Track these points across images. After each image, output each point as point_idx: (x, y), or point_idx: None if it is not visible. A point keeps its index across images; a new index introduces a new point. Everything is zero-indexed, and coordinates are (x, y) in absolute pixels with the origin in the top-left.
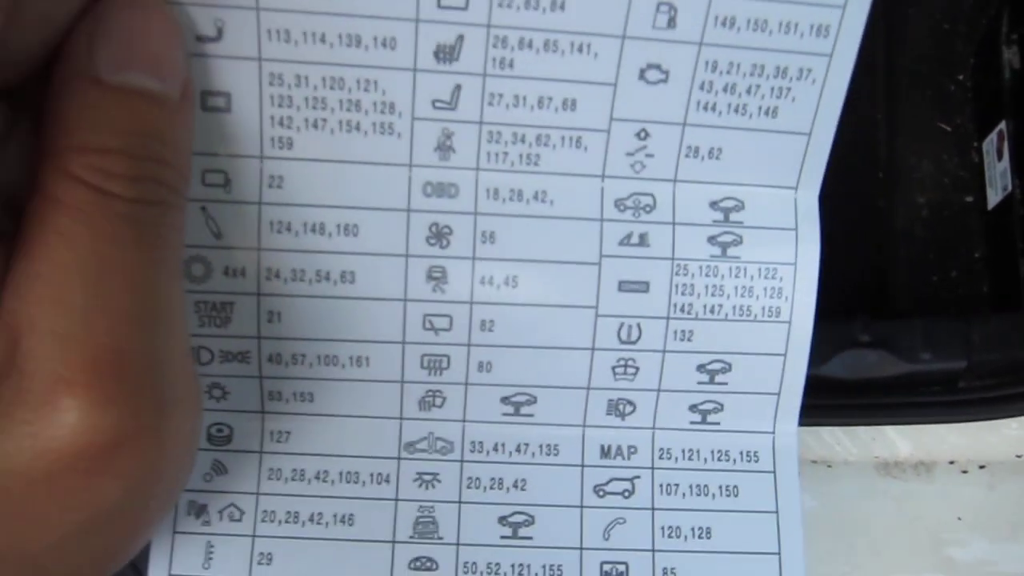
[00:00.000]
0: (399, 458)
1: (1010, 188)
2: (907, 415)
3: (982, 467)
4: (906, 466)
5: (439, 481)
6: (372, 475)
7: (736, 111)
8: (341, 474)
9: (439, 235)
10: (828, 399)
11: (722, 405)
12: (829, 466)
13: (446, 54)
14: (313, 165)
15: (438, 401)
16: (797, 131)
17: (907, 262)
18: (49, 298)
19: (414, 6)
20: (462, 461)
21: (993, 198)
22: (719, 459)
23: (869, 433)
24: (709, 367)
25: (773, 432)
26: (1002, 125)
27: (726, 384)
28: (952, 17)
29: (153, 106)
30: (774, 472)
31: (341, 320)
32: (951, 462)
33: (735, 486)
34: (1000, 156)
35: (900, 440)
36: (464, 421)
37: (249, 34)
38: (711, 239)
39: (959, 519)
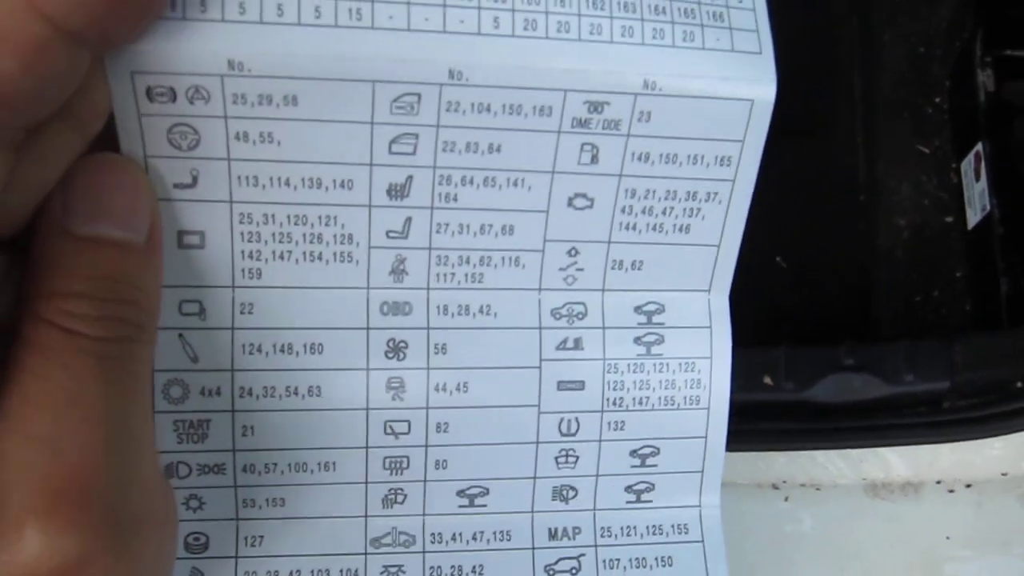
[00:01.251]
0: (366, 553)
1: (989, 208)
2: (893, 436)
3: (969, 486)
4: (894, 487)
5: (404, 572)
6: (342, 571)
7: (654, 229)
8: (313, 572)
9: (396, 349)
10: (815, 423)
11: (653, 485)
12: (818, 489)
13: (397, 192)
14: (280, 292)
15: (400, 498)
16: (707, 243)
17: (890, 283)
18: (19, 431)
19: (368, 152)
20: (424, 552)
21: (973, 218)
22: (653, 533)
23: (857, 455)
24: (640, 452)
25: (699, 505)
26: (979, 146)
27: (656, 466)
28: (927, 41)
29: (118, 252)
30: (702, 541)
31: (309, 430)
32: (938, 482)
33: (669, 556)
34: (978, 176)
35: (888, 461)
36: (424, 515)
37: (221, 180)
38: (636, 339)
39: (948, 538)
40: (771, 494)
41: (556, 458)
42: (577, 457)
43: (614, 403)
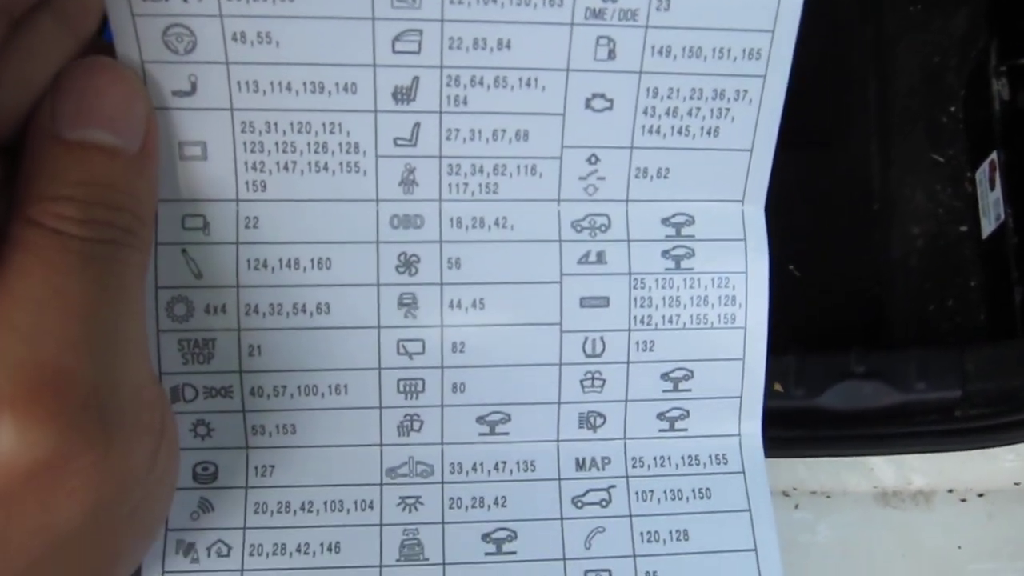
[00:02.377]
0: (381, 484)
1: (1003, 217)
2: (904, 445)
3: (981, 495)
4: (905, 496)
5: (422, 504)
6: (356, 502)
7: (679, 133)
8: (326, 504)
9: (408, 264)
10: (825, 431)
11: (688, 411)
12: (828, 496)
13: (403, 95)
14: (286, 205)
15: (416, 425)
16: (739, 148)
17: (903, 292)
18: (1, 324)
19: (371, 52)
20: (443, 483)
21: (987, 227)
22: (690, 464)
23: (868, 463)
24: (672, 375)
25: (739, 434)
26: (994, 155)
27: (690, 391)
28: (942, 51)
29: (108, 158)
30: (743, 472)
31: (319, 350)
32: (950, 491)
33: (707, 488)
34: (992, 186)
35: (899, 470)
36: (442, 444)
37: (220, 87)
38: (665, 253)
39: (960, 548)
40: (781, 501)
41: (581, 381)
42: (604, 380)
43: (642, 321)
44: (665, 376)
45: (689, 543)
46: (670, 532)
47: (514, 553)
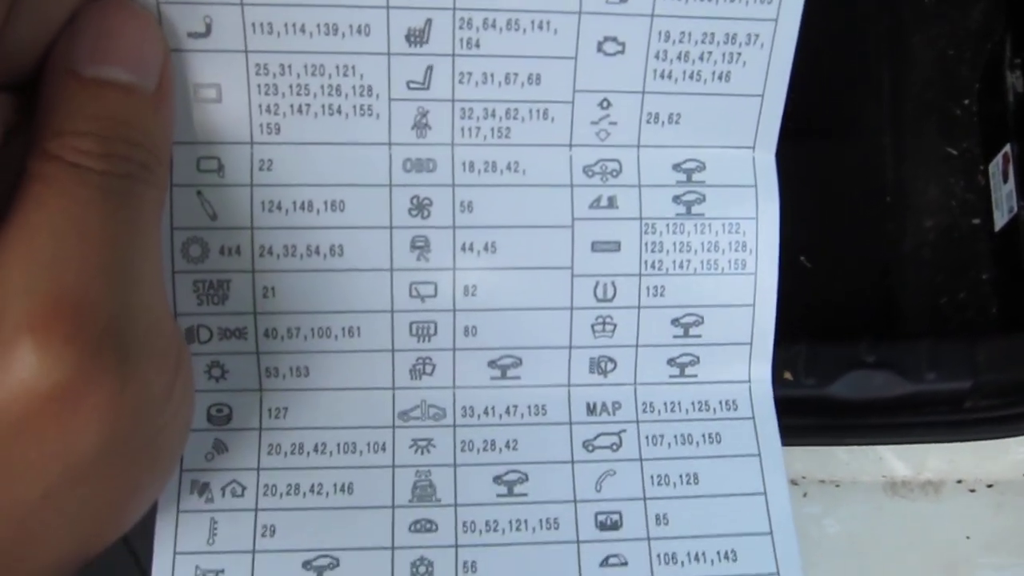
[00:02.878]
0: (394, 427)
1: (1016, 210)
2: (914, 435)
3: (990, 486)
4: (914, 485)
5: (434, 446)
6: (369, 444)
7: (691, 77)
8: (339, 445)
9: (420, 207)
10: (834, 419)
11: (698, 358)
12: (837, 485)
13: (416, 37)
14: (300, 148)
15: (428, 368)
16: (750, 93)
17: (915, 285)
18: (19, 254)
19: None
20: (454, 426)
21: (1000, 220)
22: (700, 410)
23: (877, 453)
24: (683, 320)
25: (749, 381)
26: (1007, 148)
27: (700, 336)
28: (957, 43)
29: (125, 96)
30: (753, 418)
31: (332, 292)
32: (959, 481)
33: (717, 433)
34: (1006, 178)
35: (907, 460)
36: (454, 387)
37: (235, 28)
38: (676, 198)
39: (968, 538)
40: (790, 489)
41: (593, 326)
42: (615, 325)
43: (653, 266)
44: (676, 321)
45: (699, 486)
46: (680, 476)
47: (525, 495)
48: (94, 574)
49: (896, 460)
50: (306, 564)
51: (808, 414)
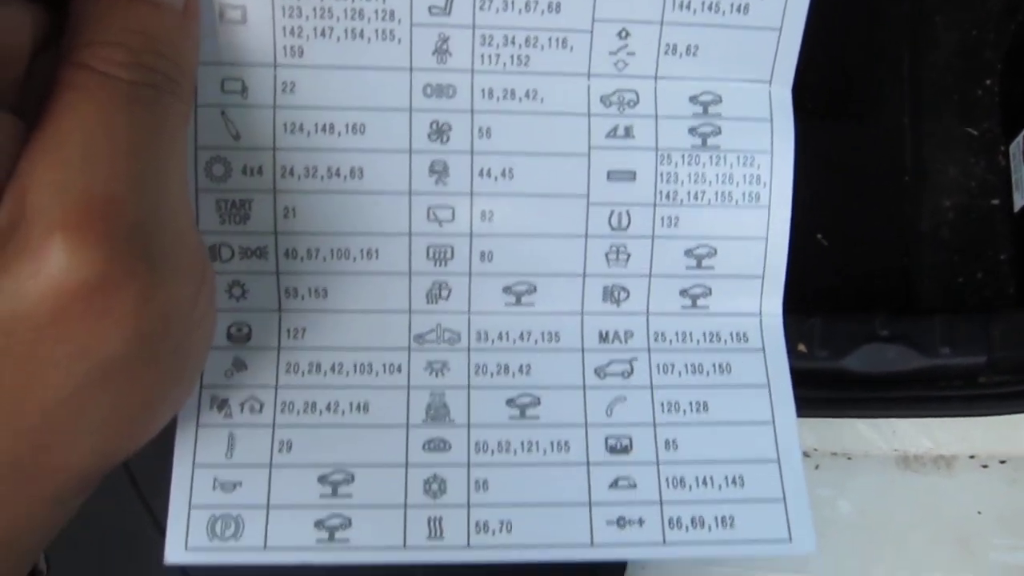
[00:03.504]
0: (409, 349)
1: None
2: (927, 409)
3: (1003, 462)
4: (926, 460)
5: (448, 369)
6: (385, 365)
7: (709, 9)
8: (355, 366)
9: (439, 132)
10: (848, 392)
11: (710, 289)
12: (849, 458)
13: None
14: (322, 71)
15: (444, 293)
16: (768, 27)
17: (933, 265)
18: (51, 157)
19: None
20: (469, 350)
21: (1019, 200)
22: (711, 340)
23: (890, 427)
24: (696, 252)
25: (759, 314)
26: None
27: (712, 268)
28: (980, 24)
29: (155, 12)
30: (763, 350)
31: (351, 214)
32: (972, 456)
33: (727, 363)
34: None
35: (921, 434)
36: (469, 312)
37: None
38: (692, 130)
39: (980, 514)
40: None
41: (607, 254)
42: (629, 254)
43: (667, 196)
44: (689, 252)
45: (708, 414)
46: (690, 403)
47: (537, 418)
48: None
49: (909, 434)
50: (322, 479)
51: (821, 386)
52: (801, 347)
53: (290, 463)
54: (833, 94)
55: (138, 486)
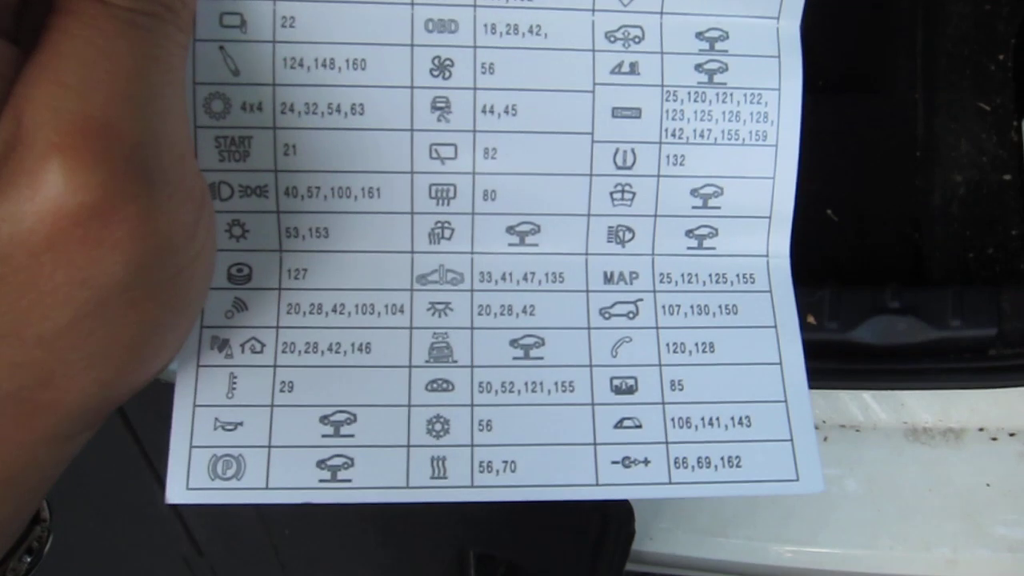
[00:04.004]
0: (412, 289)
1: None
2: (937, 381)
3: (1012, 435)
4: (935, 432)
5: (451, 310)
6: (387, 306)
7: None
8: (357, 306)
9: (441, 67)
10: (857, 364)
11: (716, 230)
12: (858, 430)
13: None
14: (322, 5)
15: (447, 233)
16: None
17: (944, 239)
18: (49, 79)
19: None
20: (472, 291)
21: None
22: (717, 282)
23: (899, 399)
24: (702, 191)
25: (767, 255)
26: None
27: (719, 208)
28: None
29: None
30: (770, 291)
31: (352, 151)
32: (980, 429)
33: (734, 305)
34: None
35: (929, 406)
36: (472, 253)
37: None
38: (698, 67)
39: (988, 486)
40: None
41: (611, 193)
42: (634, 194)
43: (673, 134)
44: (695, 192)
45: (715, 355)
46: (696, 344)
47: (541, 359)
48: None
49: (918, 407)
50: (323, 419)
51: (830, 358)
52: (810, 319)
53: (292, 403)
54: (845, 68)
55: (134, 430)
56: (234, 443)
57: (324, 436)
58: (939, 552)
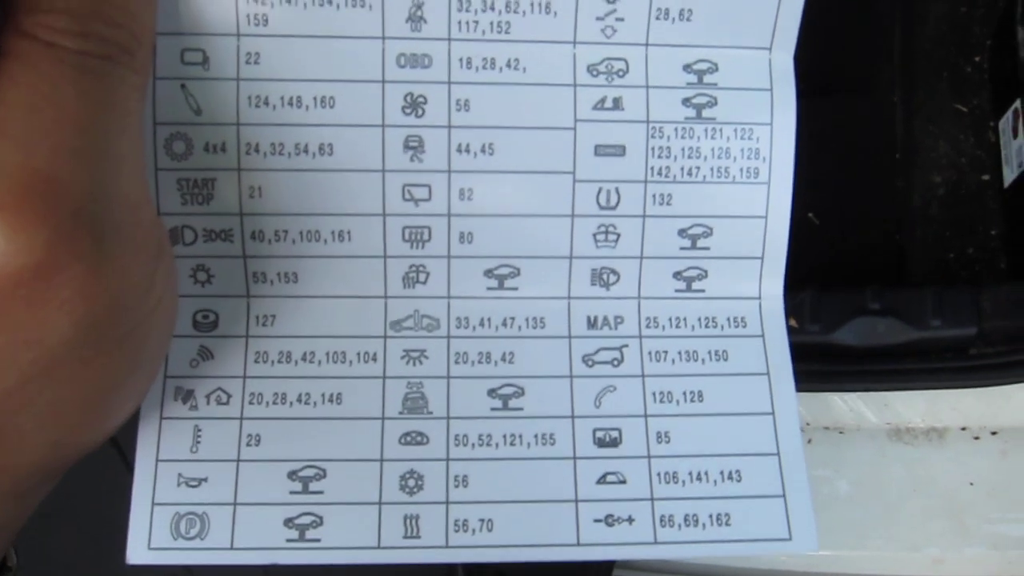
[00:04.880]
0: (385, 336)
1: None
2: (918, 382)
3: (994, 433)
4: (918, 432)
5: (427, 357)
6: (359, 354)
7: None
8: (328, 354)
9: (414, 104)
10: (839, 366)
11: (706, 271)
12: (841, 432)
13: None
14: (288, 40)
15: (422, 277)
16: None
17: (924, 241)
18: None
19: None
20: (448, 337)
21: (1009, 176)
22: (706, 326)
23: (881, 400)
24: (690, 232)
25: (759, 297)
26: (1017, 103)
27: (708, 249)
28: (970, 1)
29: None
30: (763, 336)
31: (321, 193)
32: (963, 428)
33: (724, 351)
34: (1016, 134)
35: (912, 406)
36: (449, 297)
37: None
38: (685, 101)
39: (971, 485)
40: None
41: (595, 235)
42: (618, 235)
43: (659, 172)
44: (683, 232)
45: (703, 404)
46: (684, 393)
47: (521, 409)
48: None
49: (901, 407)
50: (292, 474)
51: (813, 360)
52: (792, 322)
53: (259, 458)
54: (824, 70)
55: (125, 456)
56: (198, 500)
57: (292, 493)
58: (927, 552)
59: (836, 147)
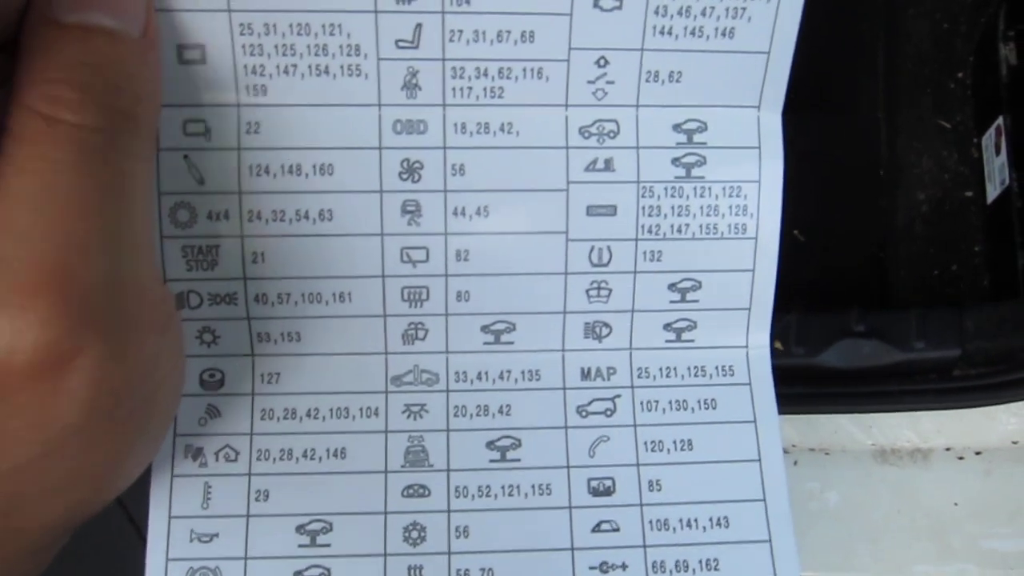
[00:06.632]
0: (387, 392)
1: (1008, 182)
2: (903, 403)
3: (978, 453)
4: (903, 453)
5: (427, 411)
6: (361, 409)
7: (692, 34)
8: (331, 410)
9: (411, 170)
10: (825, 388)
11: (695, 323)
12: (827, 453)
13: None
14: (287, 110)
15: (420, 334)
16: (755, 50)
17: (908, 258)
18: None
19: None
20: (447, 391)
21: (992, 192)
22: (696, 375)
23: (867, 421)
24: (680, 286)
25: (746, 346)
26: (1000, 120)
27: (697, 302)
28: (952, 17)
29: (108, 41)
30: (750, 384)
31: (322, 257)
32: (947, 449)
33: (713, 399)
34: (998, 151)
35: (897, 428)
36: (447, 352)
37: None
38: (675, 161)
39: (956, 505)
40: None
41: (587, 291)
42: (610, 290)
43: (650, 230)
44: (672, 286)
45: (693, 452)
46: (674, 442)
47: (518, 460)
48: (91, 539)
49: (886, 428)
50: (300, 528)
51: (798, 383)
52: (778, 344)
53: (267, 513)
54: (807, 88)
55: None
56: (211, 555)
57: (300, 546)
58: (913, 571)
59: (821, 164)
